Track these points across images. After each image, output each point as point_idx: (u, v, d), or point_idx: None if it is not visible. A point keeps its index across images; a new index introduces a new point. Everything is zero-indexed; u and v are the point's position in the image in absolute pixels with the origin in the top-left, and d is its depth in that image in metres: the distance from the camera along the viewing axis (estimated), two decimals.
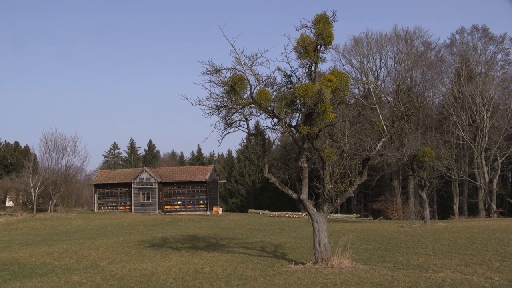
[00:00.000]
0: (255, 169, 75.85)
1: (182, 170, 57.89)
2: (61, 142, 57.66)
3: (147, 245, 21.04)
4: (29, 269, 15.54)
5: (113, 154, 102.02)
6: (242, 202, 75.35)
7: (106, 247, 20.49)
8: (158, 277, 13.19)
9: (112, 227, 33.65)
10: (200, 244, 21.56)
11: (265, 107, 13.65)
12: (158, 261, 16.18)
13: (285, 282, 11.91)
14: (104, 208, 54.32)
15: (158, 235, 26.19)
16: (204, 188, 53.16)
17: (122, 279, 12.98)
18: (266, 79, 14.11)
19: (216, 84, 14.06)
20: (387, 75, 65.39)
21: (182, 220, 41.41)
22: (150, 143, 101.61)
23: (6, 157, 57.74)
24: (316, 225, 14.21)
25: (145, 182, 52.72)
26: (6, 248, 21.79)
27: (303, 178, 14.57)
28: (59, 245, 22.14)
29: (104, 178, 56.11)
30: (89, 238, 25.86)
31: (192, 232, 27.45)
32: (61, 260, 17.19)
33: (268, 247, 19.83)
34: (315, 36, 13.20)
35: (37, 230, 33.19)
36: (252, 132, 15.70)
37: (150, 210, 51.90)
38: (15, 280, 13.50)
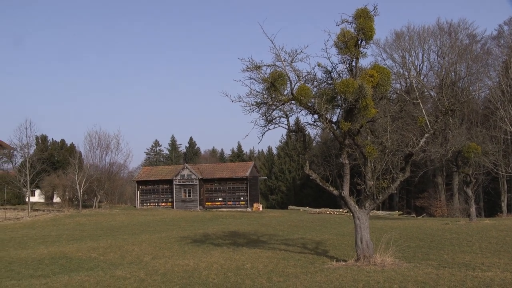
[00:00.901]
0: (295, 166, 75.64)
1: (222, 167, 58.28)
2: (105, 139, 59.07)
3: (189, 241, 21.28)
4: (76, 263, 15.96)
5: (154, 151, 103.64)
6: (283, 198, 75.29)
7: (149, 242, 20.84)
8: (200, 273, 13.31)
9: (155, 223, 34.20)
10: (241, 240, 21.65)
11: (306, 103, 13.57)
12: (200, 257, 16.34)
13: (326, 279, 11.82)
14: (146, 204, 55.26)
15: (199, 231, 26.46)
16: (245, 184, 53.35)
17: (165, 274, 13.17)
18: (306, 75, 14.03)
19: (256, 81, 14.08)
20: (430, 69, 64.03)
21: (223, 217, 41.71)
22: (191, 140, 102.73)
23: (53, 155, 59.42)
24: (357, 222, 14.05)
25: (186, 179, 53.33)
26: (54, 243, 22.46)
27: (344, 174, 14.42)
28: (104, 240, 22.65)
29: (146, 175, 57.05)
30: (132, 234, 26.35)
31: (233, 229, 27.61)
32: (106, 255, 17.58)
33: (309, 244, 19.74)
34: (356, 31, 13.02)
35: (83, 225, 34.07)
36: (292, 128, 15.62)
37: (191, 207, 52.47)
38: (64, 273, 13.89)
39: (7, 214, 42.50)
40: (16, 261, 16.29)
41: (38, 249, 19.95)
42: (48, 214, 42.66)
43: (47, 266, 15.30)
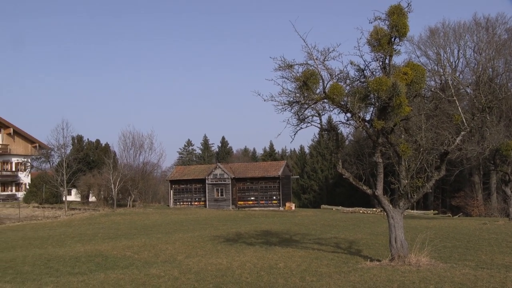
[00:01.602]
0: (327, 165, 75.19)
1: (255, 166, 58.36)
2: (138, 139, 59.80)
3: (222, 240, 21.39)
4: (112, 261, 16.23)
5: (187, 151, 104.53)
6: (315, 197, 74.95)
7: (182, 241, 21.03)
8: (233, 272, 13.36)
9: (188, 222, 34.49)
10: (273, 239, 21.65)
11: (338, 102, 13.46)
12: (233, 255, 16.40)
13: (360, 279, 11.71)
14: (179, 203, 55.77)
15: (232, 230, 26.56)
16: (277, 184, 53.30)
17: (198, 273, 13.27)
18: (339, 73, 13.91)
19: (288, 80, 14.04)
20: (466, 66, 62.63)
21: (255, 216, 41.77)
22: (223, 139, 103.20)
23: (89, 155, 60.53)
24: (392, 221, 13.87)
25: (219, 178, 53.60)
26: (90, 241, 22.89)
27: (378, 173, 14.25)
28: (138, 239, 22.95)
29: (179, 174, 57.57)
30: (166, 232, 26.64)
31: (266, 228, 27.62)
32: (140, 254, 17.82)
33: (342, 243, 19.59)
34: (389, 28, 12.85)
35: (117, 224, 34.61)
36: (324, 127, 15.52)
37: (224, 206, 52.72)
38: (100, 271, 14.14)
39: (45, 212, 43.51)
40: (54, 258, 16.66)
41: (75, 247, 20.38)
42: (84, 213, 43.51)
43: (84, 264, 15.61)
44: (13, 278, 13.21)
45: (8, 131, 64.83)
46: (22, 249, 20.29)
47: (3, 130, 64.63)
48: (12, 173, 65.60)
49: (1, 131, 64.60)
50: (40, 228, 32.26)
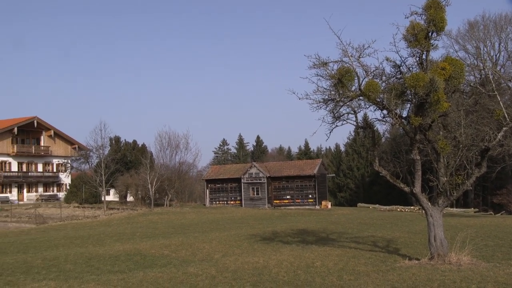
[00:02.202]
0: (363, 163, 74.39)
1: (290, 164, 58.24)
2: (174, 139, 60.53)
3: (258, 239, 21.43)
4: (150, 260, 16.47)
5: (222, 150, 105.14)
6: (351, 196, 74.27)
7: (219, 240, 21.16)
8: (270, 270, 13.37)
9: (224, 221, 34.69)
10: (310, 238, 21.57)
11: (374, 99, 13.32)
12: (269, 254, 16.41)
13: (399, 278, 11.55)
14: (215, 202, 56.13)
15: (268, 229, 26.59)
16: (313, 182, 53.05)
17: (235, 272, 13.33)
18: (375, 70, 13.76)
19: (323, 78, 13.95)
20: (507, 59, 60.80)
21: (291, 215, 41.69)
22: (258, 138, 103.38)
23: (126, 155, 61.57)
24: (431, 219, 13.63)
25: (254, 177, 53.72)
26: (129, 240, 23.28)
27: (416, 171, 14.03)
28: (176, 238, 23.21)
29: (215, 173, 57.95)
30: (202, 231, 26.86)
31: (302, 226, 27.54)
32: (178, 252, 18.01)
33: (380, 242, 19.37)
34: (426, 22, 12.62)
35: (155, 223, 35.09)
36: (360, 125, 15.38)
37: (260, 205, 52.81)
38: (138, 269, 14.37)
39: (85, 212, 44.47)
40: (95, 257, 17.02)
41: (114, 246, 20.74)
42: (123, 213, 44.26)
43: (123, 262, 15.88)
44: (57, 276, 13.56)
45: (49, 133, 66.63)
46: (64, 248, 20.79)
47: (45, 132, 66.45)
48: (53, 174, 67.40)
49: (43, 134, 66.43)
50: (81, 228, 33.00)
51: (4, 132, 61.15)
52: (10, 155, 61.94)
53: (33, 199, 62.35)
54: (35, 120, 64.06)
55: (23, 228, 34.31)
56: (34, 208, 46.67)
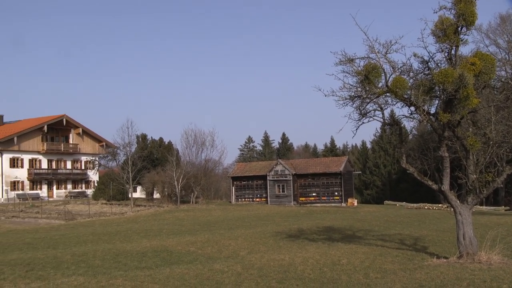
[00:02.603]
0: (390, 160, 73.58)
1: (316, 162, 57.99)
2: (200, 137, 60.79)
3: (284, 236, 21.41)
4: (176, 256, 16.59)
5: (248, 148, 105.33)
6: (378, 193, 73.56)
7: (244, 237, 21.20)
8: (296, 268, 13.35)
9: (250, 218, 34.74)
10: (336, 235, 21.45)
11: (401, 95, 13.16)
12: (295, 252, 16.38)
13: (427, 276, 11.40)
14: (241, 199, 56.24)
15: (294, 226, 26.53)
16: (339, 179, 52.73)
17: (261, 269, 13.34)
18: (402, 66, 13.59)
19: (349, 74, 13.84)
20: None
21: (317, 212, 41.53)
22: (283, 135, 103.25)
23: (153, 153, 62.11)
24: (459, 217, 13.41)
25: (280, 174, 53.65)
26: (156, 237, 23.50)
27: (444, 168, 13.82)
28: (202, 235, 23.34)
29: (241, 171, 58.05)
30: (228, 228, 26.95)
31: (328, 224, 27.41)
32: (204, 249, 18.11)
33: (407, 240, 19.15)
34: (455, 17, 12.40)
35: (181, 220, 35.34)
36: (387, 121, 15.23)
37: (286, 202, 52.73)
38: (165, 266, 14.50)
39: (113, 209, 45.00)
40: (122, 253, 17.23)
41: (141, 242, 20.96)
42: (149, 209, 44.66)
43: (150, 259, 16.04)
44: (85, 271, 13.78)
45: (77, 131, 67.76)
46: (92, 244, 21.10)
47: (73, 130, 67.59)
48: (81, 171, 68.54)
49: (72, 132, 67.59)
50: (108, 224, 33.44)
51: (34, 130, 62.42)
52: (40, 153, 63.20)
53: (62, 196, 63.52)
54: (64, 118, 65.22)
55: (53, 224, 34.94)
56: (63, 205, 47.50)
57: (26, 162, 61.70)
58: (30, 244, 21.84)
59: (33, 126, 62.53)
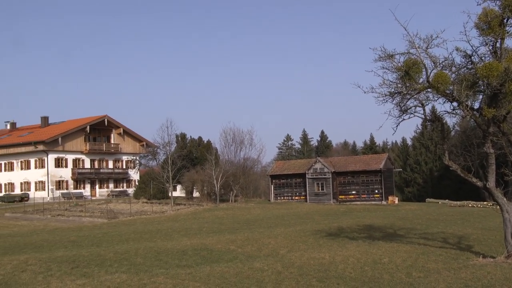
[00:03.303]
0: (432, 157, 72.12)
1: (355, 159, 57.40)
2: (239, 136, 60.96)
3: (324, 235, 21.25)
4: (216, 254, 16.68)
5: (286, 146, 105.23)
6: (419, 191, 72.22)
7: (284, 236, 21.14)
8: (336, 266, 13.23)
9: (289, 217, 34.65)
10: (376, 234, 21.15)
11: (443, 91, 12.85)
12: (335, 250, 16.24)
13: (472, 276, 11.10)
14: (280, 198, 56.17)
15: (333, 224, 26.31)
16: (379, 177, 52.01)
17: (301, 267, 13.28)
18: (444, 61, 13.27)
19: (389, 70, 13.64)
20: None
21: (357, 210, 41.10)
22: (322, 133, 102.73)
23: (192, 152, 62.71)
24: (507, 215, 13.01)
25: (319, 172, 53.32)
26: (196, 235, 23.70)
27: (489, 164, 13.43)
28: (241, 233, 23.39)
29: (279, 169, 57.98)
30: (268, 227, 26.93)
31: (368, 222, 27.07)
32: (243, 248, 18.14)
33: (451, 239, 18.70)
34: (501, 8, 12.01)
35: (220, 219, 35.55)
36: (428, 118, 14.93)
37: (325, 200, 52.37)
38: (205, 264, 14.60)
39: (153, 208, 45.70)
40: (163, 251, 17.44)
41: (182, 240, 21.17)
42: (189, 208, 45.10)
43: (191, 257, 16.17)
44: (128, 269, 14.01)
45: (118, 131, 69.11)
46: (134, 242, 21.45)
47: (115, 130, 68.98)
48: (123, 170, 69.88)
49: (113, 132, 68.99)
50: (149, 223, 33.95)
51: (77, 131, 64.02)
52: (83, 153, 64.77)
53: (105, 195, 64.93)
54: (105, 118, 66.65)
55: (96, 223, 35.77)
56: (106, 204, 48.53)
57: (70, 162, 63.36)
58: (75, 242, 22.39)
59: (77, 127, 64.15)
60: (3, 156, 64.33)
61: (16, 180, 63.60)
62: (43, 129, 67.39)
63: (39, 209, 44.84)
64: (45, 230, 31.81)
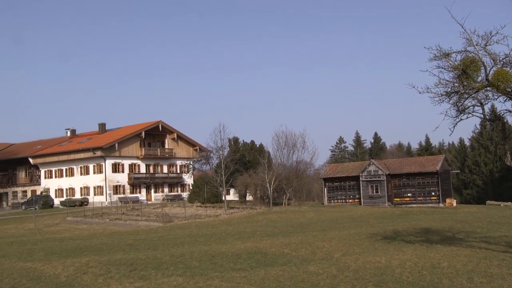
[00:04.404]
0: (492, 158, 69.50)
1: (410, 161, 56.16)
2: (291, 139, 60.70)
3: (379, 238, 20.87)
4: (271, 258, 16.68)
5: (339, 148, 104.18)
6: (479, 193, 69.72)
7: (338, 239, 20.91)
8: (393, 270, 12.96)
9: (343, 220, 34.27)
10: (434, 237, 20.57)
11: (504, 89, 12.39)
12: (391, 254, 15.92)
13: None
14: (333, 201, 55.64)
15: (389, 227, 25.80)
16: (435, 179, 50.66)
17: (356, 271, 13.09)
18: (504, 58, 12.77)
19: (445, 69, 13.29)
20: None
21: (413, 213, 40.14)
22: (375, 135, 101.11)
23: (245, 155, 63.01)
24: None
25: (373, 174, 52.47)
26: (250, 238, 23.79)
27: None
28: (295, 236, 23.31)
29: (332, 172, 57.49)
30: (321, 230, 26.72)
31: (425, 225, 26.38)
32: (297, 251, 18.07)
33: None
34: None
35: (274, 222, 35.56)
36: (488, 117, 14.42)
37: (379, 203, 51.47)
38: (260, 267, 14.63)
39: (207, 211, 46.16)
40: (218, 255, 17.61)
41: (236, 244, 21.30)
42: (242, 212, 45.34)
43: (245, 260, 16.25)
44: (184, 272, 14.22)
45: (172, 136, 70.44)
46: (189, 245, 21.75)
47: (169, 135, 70.35)
48: (177, 175, 71.10)
49: (167, 137, 70.37)
50: (204, 226, 34.37)
51: (133, 137, 65.72)
52: (138, 158, 66.38)
53: (160, 199, 66.22)
54: (159, 124, 68.08)
55: (152, 227, 36.53)
56: (161, 208, 49.44)
57: (126, 167, 65.08)
58: (132, 245, 22.94)
59: (132, 133, 65.85)
60: (64, 162, 66.83)
61: (76, 185, 65.92)
62: (100, 135, 69.62)
63: (98, 213, 46.24)
64: (104, 233, 32.80)
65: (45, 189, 68.10)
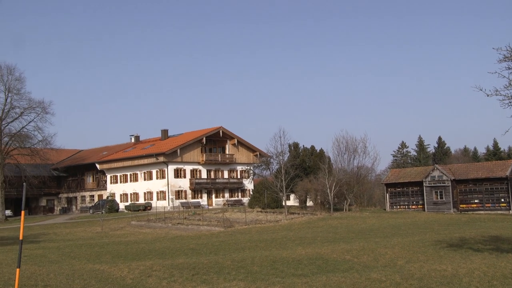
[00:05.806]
0: None
1: (477, 166, 54.11)
2: (352, 144, 60.03)
3: (444, 245, 20.20)
4: (332, 264, 16.49)
5: (401, 153, 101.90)
6: None
7: (401, 246, 20.41)
8: (460, 279, 12.50)
9: (406, 226, 33.45)
10: (505, 246, 19.68)
11: None
12: (458, 262, 15.37)
13: None
14: (396, 207, 54.46)
15: (455, 235, 24.93)
16: (505, 185, 48.54)
17: (421, 279, 12.72)
18: None
19: None
20: None
21: (481, 220, 38.61)
22: (439, 139, 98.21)
23: (305, 161, 62.76)
24: None
25: (437, 180, 50.94)
26: (310, 244, 23.63)
27: None
28: (356, 243, 22.95)
29: (395, 177, 56.30)
30: (383, 236, 26.19)
31: (494, 233, 25.30)
32: (359, 257, 17.77)
33: None
34: None
35: (335, 228, 35.17)
36: None
37: (444, 209, 49.87)
38: (321, 274, 14.48)
39: (268, 217, 46.25)
40: (278, 260, 17.58)
41: (296, 249, 21.20)
42: (303, 217, 45.13)
43: (306, 266, 16.14)
44: (245, 277, 14.29)
45: (233, 142, 71.25)
46: (250, 251, 21.85)
47: (229, 141, 71.20)
48: (237, 180, 71.79)
49: (228, 142, 71.24)
50: (264, 231, 34.44)
51: (194, 143, 67.01)
52: (200, 164, 67.57)
53: (221, 204, 67.08)
54: (220, 130, 69.06)
55: (213, 231, 36.99)
56: (222, 213, 50.04)
57: (188, 173, 66.39)
58: (194, 249, 23.30)
59: (194, 139, 67.15)
60: (129, 168, 69.02)
61: (140, 190, 67.90)
62: (163, 141, 71.44)
63: (161, 218, 47.35)
64: (166, 237, 33.52)
65: (111, 193, 70.58)
